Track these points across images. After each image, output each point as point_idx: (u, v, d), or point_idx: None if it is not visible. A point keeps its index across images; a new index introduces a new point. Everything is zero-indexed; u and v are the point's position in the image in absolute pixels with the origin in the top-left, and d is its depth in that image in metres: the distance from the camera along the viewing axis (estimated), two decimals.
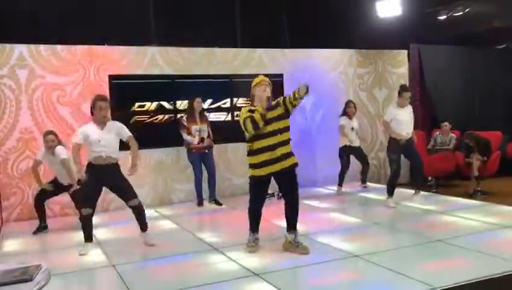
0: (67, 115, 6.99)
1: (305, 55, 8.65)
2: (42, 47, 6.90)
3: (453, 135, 8.83)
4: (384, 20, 8.42)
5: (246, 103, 7.81)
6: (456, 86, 9.86)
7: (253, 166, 4.74)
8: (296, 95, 4.52)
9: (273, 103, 4.76)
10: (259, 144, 4.68)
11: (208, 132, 7.21)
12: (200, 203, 7.28)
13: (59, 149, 5.86)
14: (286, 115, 4.74)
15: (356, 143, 7.95)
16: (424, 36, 9.63)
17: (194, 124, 7.07)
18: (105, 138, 5.01)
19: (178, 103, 7.77)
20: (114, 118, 5.57)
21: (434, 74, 9.61)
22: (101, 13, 7.58)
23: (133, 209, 5.20)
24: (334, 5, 8.79)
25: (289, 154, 4.74)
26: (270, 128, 4.66)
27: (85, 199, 5.04)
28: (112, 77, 7.24)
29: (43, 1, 7.36)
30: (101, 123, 5.09)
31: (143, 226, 5.26)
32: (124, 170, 5.17)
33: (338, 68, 8.90)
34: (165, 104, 7.71)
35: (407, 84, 9.33)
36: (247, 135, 4.74)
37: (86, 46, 7.15)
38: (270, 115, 4.67)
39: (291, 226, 4.80)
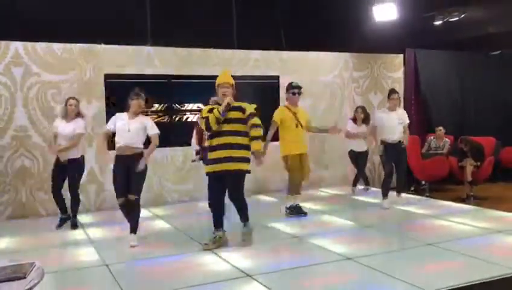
0: None
1: (301, 57, 8.67)
2: (38, 45, 6.90)
3: (447, 139, 8.87)
4: (381, 24, 8.44)
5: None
6: (451, 91, 9.91)
7: (207, 161, 5.07)
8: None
9: (235, 104, 4.86)
10: (216, 141, 4.89)
11: None
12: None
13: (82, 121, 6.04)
14: (244, 121, 4.90)
15: (361, 148, 8.03)
16: (420, 41, 9.67)
17: None
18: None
19: (173, 102, 7.78)
20: (109, 117, 5.57)
21: (429, 79, 9.65)
22: (98, 12, 7.56)
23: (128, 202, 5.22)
24: (331, 8, 8.81)
25: (238, 159, 4.84)
26: (226, 127, 4.85)
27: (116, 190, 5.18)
28: (107, 76, 7.24)
29: None
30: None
31: (132, 229, 5.23)
32: None
33: (334, 71, 8.93)
34: (160, 104, 7.72)
35: (402, 88, 9.41)
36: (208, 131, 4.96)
37: (82, 45, 7.15)
38: (229, 115, 4.81)
39: (242, 219, 5.12)
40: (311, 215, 6.50)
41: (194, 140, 6.89)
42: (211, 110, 4.86)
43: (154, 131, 5.29)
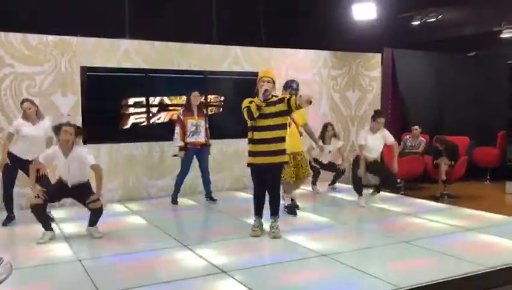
0: None
1: (280, 54, 8.68)
2: (12, 35, 6.73)
3: (422, 139, 9.01)
4: (360, 23, 8.51)
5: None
6: (428, 90, 10.06)
7: (250, 154, 5.19)
8: (297, 104, 4.95)
9: (275, 98, 5.13)
10: (257, 135, 5.10)
11: (206, 128, 6.94)
12: (173, 200, 7.02)
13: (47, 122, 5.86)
14: (287, 112, 5.15)
15: (325, 160, 7.87)
16: (398, 40, 9.78)
17: (190, 118, 6.80)
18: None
19: (150, 97, 7.70)
20: (85, 110, 5.41)
21: (406, 78, 9.77)
22: (75, 3, 7.43)
23: (92, 210, 5.24)
24: (310, 6, 8.85)
25: (280, 152, 5.15)
26: (269, 122, 5.06)
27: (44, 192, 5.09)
28: (84, 69, 7.12)
29: None
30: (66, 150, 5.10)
31: (93, 223, 5.29)
32: None
33: (313, 69, 8.96)
34: (137, 98, 7.62)
35: (380, 87, 9.52)
36: (248, 123, 5.14)
37: (58, 36, 7.01)
38: (271, 109, 5.06)
39: (272, 212, 5.28)
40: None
41: (177, 136, 6.80)
42: (251, 102, 5.07)
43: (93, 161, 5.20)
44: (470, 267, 4.18)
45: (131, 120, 7.58)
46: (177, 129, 6.82)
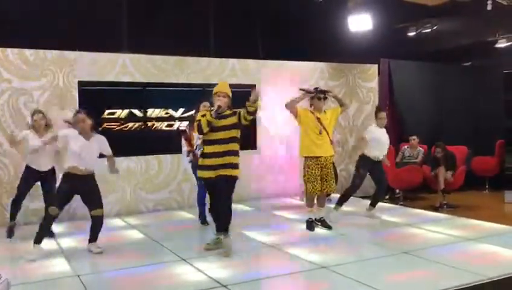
0: None
1: (278, 66, 8.71)
2: (9, 50, 6.75)
3: (420, 149, 9.02)
4: (356, 34, 8.55)
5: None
6: (425, 101, 10.10)
7: (199, 167, 5.12)
8: (248, 109, 4.88)
9: (228, 112, 5.04)
10: (208, 149, 5.00)
11: None
12: (203, 222, 6.50)
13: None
14: (238, 125, 5.03)
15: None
16: (394, 51, 9.84)
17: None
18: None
19: (148, 111, 7.71)
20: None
21: (403, 89, 9.81)
22: (72, 18, 7.45)
23: (93, 218, 5.23)
24: (307, 18, 8.90)
25: (231, 165, 4.97)
26: (220, 135, 4.97)
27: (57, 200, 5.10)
28: (81, 83, 7.13)
29: (12, 3, 7.19)
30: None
31: (93, 238, 5.29)
32: None
33: (310, 80, 8.98)
34: (135, 112, 7.63)
35: (377, 98, 9.55)
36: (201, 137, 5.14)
37: (55, 51, 7.03)
38: (223, 123, 4.99)
39: (217, 228, 5.18)
40: (286, 225, 6.49)
41: (184, 148, 6.46)
42: (204, 115, 5.00)
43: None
44: (470, 277, 4.17)
45: (129, 134, 7.57)
46: (183, 142, 6.46)
